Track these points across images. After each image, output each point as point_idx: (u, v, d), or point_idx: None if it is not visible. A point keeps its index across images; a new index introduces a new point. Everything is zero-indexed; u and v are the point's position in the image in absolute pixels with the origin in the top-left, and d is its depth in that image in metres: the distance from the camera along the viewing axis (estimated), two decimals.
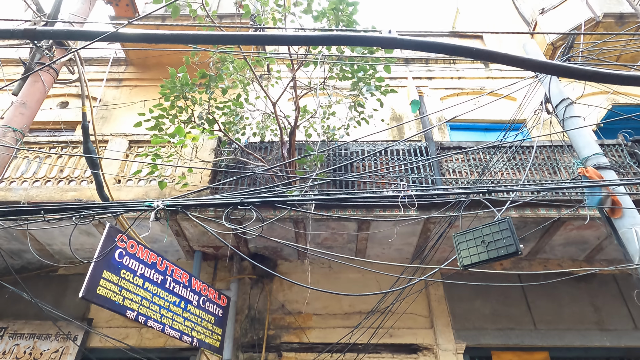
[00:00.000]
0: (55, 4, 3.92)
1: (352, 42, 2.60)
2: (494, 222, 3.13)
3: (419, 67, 10.17)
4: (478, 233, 3.16)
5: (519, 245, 2.98)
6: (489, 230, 3.10)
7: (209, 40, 2.73)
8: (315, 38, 2.60)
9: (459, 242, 3.23)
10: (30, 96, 4.11)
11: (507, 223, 3.06)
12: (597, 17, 9.20)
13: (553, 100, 4.43)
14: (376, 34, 2.52)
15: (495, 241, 3.02)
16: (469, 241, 3.16)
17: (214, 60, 5.77)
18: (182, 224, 6.21)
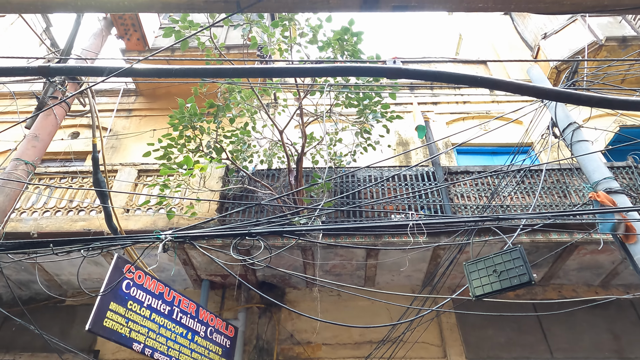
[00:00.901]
0: (68, 40, 4.05)
1: (357, 73, 2.64)
2: (505, 251, 3.07)
3: (424, 92, 10.25)
4: (489, 262, 3.10)
5: (532, 274, 2.91)
6: (501, 259, 3.04)
7: (217, 73, 2.79)
8: (322, 70, 2.64)
9: (470, 272, 3.17)
10: (43, 129, 4.19)
11: (519, 252, 3.00)
12: (600, 40, 9.29)
13: (560, 124, 4.42)
14: (381, 65, 2.55)
15: (507, 270, 2.96)
16: (480, 270, 3.10)
17: (221, 91, 5.87)
18: (189, 253, 6.19)
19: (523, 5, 1.76)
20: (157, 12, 1.88)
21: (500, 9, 1.79)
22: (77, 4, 1.90)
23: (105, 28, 5.49)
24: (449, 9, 1.80)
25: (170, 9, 1.87)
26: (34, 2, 1.90)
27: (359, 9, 1.80)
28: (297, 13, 5.24)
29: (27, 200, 6.71)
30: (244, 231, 2.88)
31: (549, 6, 1.75)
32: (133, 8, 1.86)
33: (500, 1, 1.71)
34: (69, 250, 3.01)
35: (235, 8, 1.80)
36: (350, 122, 6.73)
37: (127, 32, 5.66)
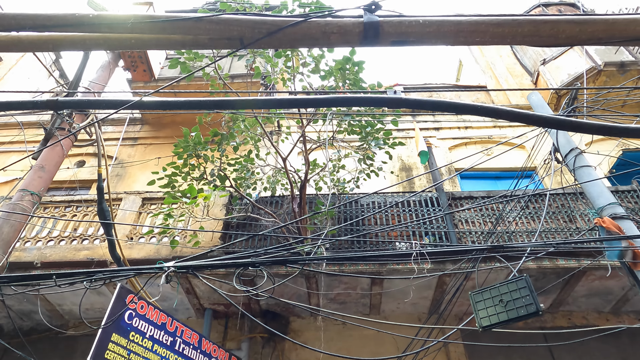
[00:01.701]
0: (76, 75, 4.16)
1: (359, 103, 2.68)
2: (511, 280, 3.03)
3: (426, 117, 10.35)
4: (495, 292, 3.05)
5: (539, 304, 2.86)
6: (507, 289, 2.99)
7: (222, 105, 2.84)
8: (324, 100, 2.68)
9: (477, 302, 3.11)
10: (49, 160, 4.25)
11: (525, 281, 2.96)
12: (599, 66, 9.41)
13: (562, 150, 4.44)
14: (382, 95, 2.59)
15: (514, 300, 2.91)
16: (486, 300, 3.05)
17: (225, 120, 5.96)
18: (192, 282, 6.15)
19: (519, 39, 1.80)
20: (163, 49, 1.94)
21: (497, 42, 1.83)
22: (85, 43, 1.96)
23: (113, 60, 5.64)
24: (447, 43, 1.84)
25: (175, 46, 1.93)
26: (44, 41, 1.96)
27: (359, 44, 1.84)
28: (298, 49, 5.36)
29: (32, 230, 6.72)
30: (247, 261, 2.86)
31: (545, 39, 1.79)
32: (139, 46, 1.92)
33: (496, 35, 1.75)
34: (72, 282, 3.00)
35: (239, 45, 1.86)
36: (352, 149, 6.77)
37: (134, 63, 5.80)
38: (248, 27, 1.78)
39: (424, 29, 1.75)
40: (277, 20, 1.77)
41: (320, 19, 1.77)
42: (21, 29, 1.86)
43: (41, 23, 1.83)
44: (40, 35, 1.96)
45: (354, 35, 1.78)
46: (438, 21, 1.75)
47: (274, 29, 1.77)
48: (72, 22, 1.81)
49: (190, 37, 1.88)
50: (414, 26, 1.75)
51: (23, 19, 1.82)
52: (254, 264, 2.81)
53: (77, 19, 1.81)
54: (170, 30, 1.82)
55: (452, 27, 1.75)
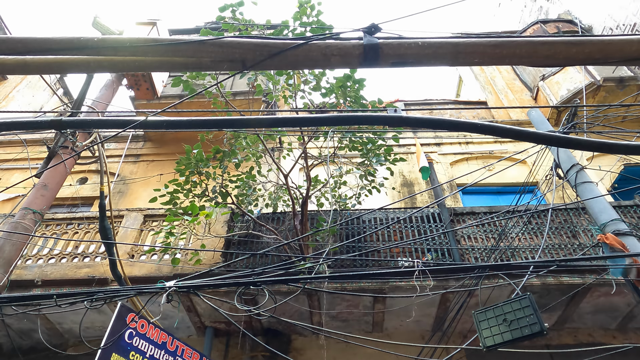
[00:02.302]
0: (79, 94, 4.22)
1: (360, 121, 2.70)
2: (514, 299, 2.99)
3: (427, 133, 10.39)
4: (499, 310, 3.01)
5: (544, 324, 2.82)
6: (510, 307, 2.96)
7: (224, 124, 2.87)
8: (326, 119, 2.71)
9: (480, 321, 3.08)
10: (52, 178, 4.28)
11: (529, 300, 2.93)
12: (598, 81, 9.48)
13: (563, 166, 4.44)
14: (383, 113, 2.61)
15: (517, 319, 2.87)
16: (490, 319, 3.01)
17: (227, 137, 6.00)
18: (194, 300, 6.10)
19: (517, 60, 1.83)
20: (166, 71, 1.97)
21: (495, 63, 1.85)
22: (89, 65, 2.00)
23: (117, 79, 5.71)
24: (445, 64, 1.87)
25: (178, 68, 1.96)
26: (50, 64, 2.00)
27: (359, 66, 1.87)
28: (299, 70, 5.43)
29: (33, 248, 6.72)
30: (248, 280, 2.85)
31: (542, 60, 1.81)
32: (142, 68, 1.95)
33: (495, 56, 1.78)
34: (72, 302, 2.99)
35: (241, 67, 1.89)
36: (354, 165, 6.80)
37: (137, 82, 5.88)
38: (250, 49, 1.81)
39: (423, 50, 1.78)
40: (278, 43, 1.80)
41: (320, 42, 1.80)
42: (28, 53, 1.90)
43: (48, 47, 1.86)
44: (45, 59, 1.99)
45: (354, 57, 1.81)
46: (437, 43, 1.78)
47: (275, 51, 1.80)
48: (78, 46, 1.84)
49: (193, 59, 1.91)
50: (412, 48, 1.78)
51: (31, 43, 1.86)
52: (256, 283, 2.79)
53: (83, 42, 1.84)
54: (174, 53, 1.85)
55: (451, 49, 1.78)
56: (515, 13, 16.85)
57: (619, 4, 11.52)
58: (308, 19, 5.42)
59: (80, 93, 4.12)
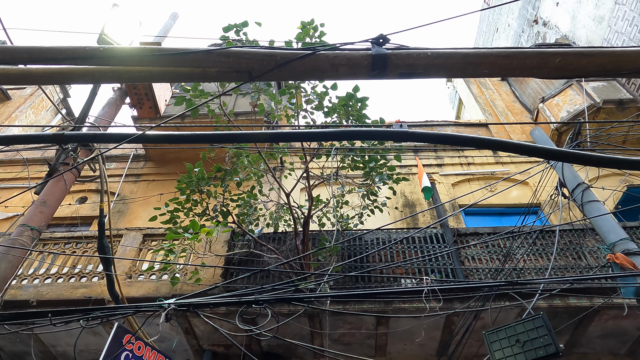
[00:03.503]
0: (83, 109, 4.21)
1: (365, 136, 2.67)
2: (527, 319, 2.89)
3: (429, 154, 10.39)
4: (511, 330, 2.91)
5: (559, 345, 2.72)
6: (523, 328, 2.86)
7: (226, 139, 2.84)
8: (330, 134, 2.68)
9: (491, 342, 2.97)
10: (52, 195, 4.22)
11: (542, 319, 2.83)
12: (598, 103, 9.54)
13: (568, 185, 4.40)
14: (388, 129, 2.58)
15: (531, 340, 2.76)
16: (502, 340, 2.90)
17: (229, 155, 5.97)
18: (192, 321, 5.95)
19: (527, 71, 1.80)
20: (171, 82, 1.95)
21: (504, 74, 1.83)
22: (94, 75, 1.98)
23: (120, 97, 5.73)
24: (455, 75, 1.84)
25: (183, 78, 1.94)
26: (53, 74, 1.98)
27: (367, 77, 1.85)
28: (306, 82, 5.46)
29: (29, 267, 6.60)
30: (250, 298, 2.75)
31: (552, 71, 1.79)
32: (148, 78, 1.93)
33: (504, 67, 1.76)
34: (68, 321, 2.89)
35: (247, 77, 1.86)
36: (356, 185, 6.75)
37: (140, 101, 5.89)
38: (257, 59, 1.79)
39: (432, 60, 1.75)
40: (286, 53, 1.78)
41: (328, 52, 1.78)
42: (33, 62, 1.88)
43: (53, 56, 1.84)
44: (49, 69, 1.97)
45: (363, 68, 1.79)
46: (446, 53, 1.76)
47: (282, 61, 1.77)
48: (83, 55, 1.82)
49: (199, 70, 1.89)
50: (422, 58, 1.76)
51: (36, 53, 1.84)
52: (258, 302, 2.70)
53: (88, 52, 1.83)
54: (179, 63, 1.83)
55: (460, 59, 1.76)
56: (513, 38, 17.13)
57: (615, 29, 11.71)
58: (311, 40, 5.48)
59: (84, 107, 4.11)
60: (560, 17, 14.06)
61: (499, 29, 18.48)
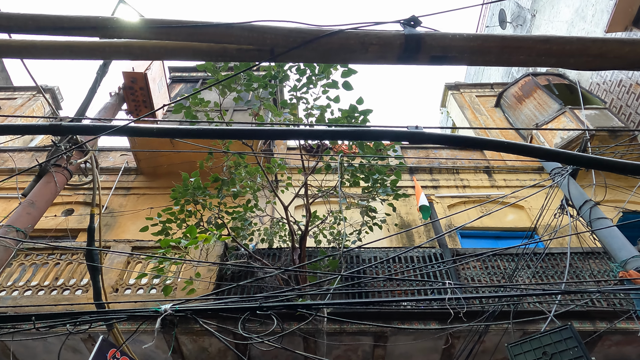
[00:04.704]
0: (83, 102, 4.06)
1: (380, 136, 2.55)
2: (554, 330, 2.73)
3: (424, 176, 10.36)
4: (536, 343, 2.73)
5: (591, 357, 2.56)
6: (550, 339, 2.69)
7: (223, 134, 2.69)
8: (343, 133, 2.57)
9: (515, 355, 2.79)
10: (41, 196, 4.00)
11: (571, 330, 2.67)
12: (591, 130, 9.66)
13: (575, 202, 4.32)
14: (402, 129, 2.48)
15: (559, 352, 2.59)
16: (527, 353, 2.72)
17: (227, 165, 5.82)
18: (180, 339, 5.63)
19: (565, 60, 1.72)
20: (188, 59, 1.82)
21: (542, 62, 1.75)
22: (104, 50, 1.85)
23: (117, 103, 5.59)
24: (490, 61, 1.75)
25: (201, 56, 1.81)
26: (59, 48, 1.84)
27: (397, 60, 1.75)
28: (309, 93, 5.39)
29: (9, 278, 6.26)
30: (254, 304, 2.56)
31: (592, 61, 1.71)
32: (162, 54, 1.80)
33: (542, 52, 1.67)
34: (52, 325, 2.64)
35: (269, 55, 1.75)
36: (354, 202, 6.61)
37: (138, 107, 5.76)
38: (282, 35, 1.68)
39: (468, 43, 1.67)
40: (314, 29, 1.67)
41: (358, 30, 1.69)
42: (39, 32, 1.75)
43: (61, 25, 1.71)
44: (55, 41, 1.84)
45: (394, 48, 1.69)
46: (483, 36, 1.68)
47: (309, 37, 1.67)
48: (95, 25, 1.70)
49: (219, 46, 1.77)
50: (457, 40, 1.67)
51: (43, 21, 1.71)
52: (262, 307, 2.51)
53: (100, 22, 1.70)
54: (197, 38, 1.71)
55: (497, 43, 1.67)
56: (504, 69, 17.53)
57: None
58: None
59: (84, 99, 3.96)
60: None
61: None
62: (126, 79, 5.67)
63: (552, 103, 11.14)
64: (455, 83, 14.62)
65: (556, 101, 11.06)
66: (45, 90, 13.72)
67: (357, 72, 4.94)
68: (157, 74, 6.07)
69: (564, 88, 12.28)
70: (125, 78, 5.68)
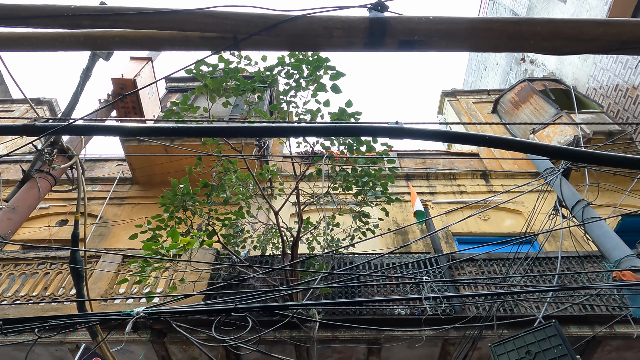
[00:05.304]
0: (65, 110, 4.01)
1: (358, 132, 2.49)
2: (538, 328, 2.62)
3: (421, 182, 10.28)
4: (520, 342, 2.62)
5: (575, 355, 2.45)
6: (534, 338, 2.58)
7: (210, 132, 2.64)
8: (325, 129, 2.51)
9: (499, 354, 2.68)
10: (23, 202, 3.94)
11: (555, 327, 2.56)
12: (588, 134, 9.62)
13: (567, 202, 4.23)
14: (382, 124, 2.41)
15: (543, 351, 2.48)
16: (510, 353, 2.61)
17: (217, 170, 5.76)
18: (169, 348, 5.52)
19: (538, 43, 1.66)
20: (149, 49, 1.77)
21: (513, 47, 1.69)
22: (64, 41, 1.79)
23: (106, 110, 5.55)
24: (460, 45, 1.69)
25: (163, 45, 1.76)
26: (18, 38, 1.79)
27: (364, 46, 1.69)
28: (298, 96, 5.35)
29: None
30: (229, 307, 2.47)
31: (566, 43, 1.65)
32: (122, 43, 1.74)
33: (514, 35, 1.61)
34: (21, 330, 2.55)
35: (232, 42, 1.70)
36: (346, 207, 6.53)
37: (127, 114, 5.72)
38: (244, 21, 1.63)
39: (436, 26, 1.61)
40: (275, 14, 1.62)
41: (322, 14, 1.63)
42: None
43: (18, 14, 1.66)
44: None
45: (359, 32, 1.63)
46: (450, 18, 1.62)
47: (271, 22, 1.61)
48: (50, 13, 1.65)
49: (181, 35, 1.72)
50: (424, 23, 1.61)
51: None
52: (237, 310, 2.42)
53: (52, 10, 1.65)
54: (158, 25, 1.66)
55: (466, 25, 1.62)
56: (501, 76, 17.56)
57: (600, 66, 12.01)
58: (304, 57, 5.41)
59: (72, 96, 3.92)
60: (547, 55, 14.45)
61: (488, 67, 18.98)
62: (115, 86, 5.65)
63: (549, 108, 11.10)
64: (452, 90, 14.62)
65: (552, 106, 11.02)
66: (42, 102, 13.78)
67: (345, 75, 4.90)
68: (147, 81, 6.05)
69: (560, 93, 12.25)
70: (115, 85, 5.66)
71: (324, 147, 6.07)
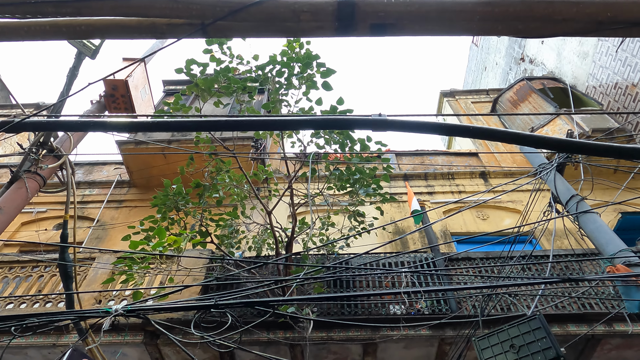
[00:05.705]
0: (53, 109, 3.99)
1: (342, 125, 2.46)
2: (522, 321, 2.56)
3: (419, 182, 10.23)
4: (504, 335, 2.56)
5: (560, 348, 2.39)
6: (518, 331, 2.51)
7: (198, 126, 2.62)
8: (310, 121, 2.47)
9: (482, 349, 2.62)
10: (10, 202, 3.91)
11: (539, 320, 2.49)
12: (586, 132, 9.54)
13: (561, 197, 4.17)
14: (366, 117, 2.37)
15: (527, 345, 2.42)
16: (494, 347, 2.55)
17: (209, 170, 5.72)
18: (162, 350, 5.48)
19: (512, 27, 1.62)
20: (116, 37, 1.74)
21: (486, 32, 1.65)
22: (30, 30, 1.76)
23: (98, 110, 5.53)
24: (431, 30, 1.65)
25: (130, 32, 1.73)
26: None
27: (333, 31, 1.65)
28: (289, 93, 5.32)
29: None
30: (209, 303, 2.42)
31: (539, 25, 1.61)
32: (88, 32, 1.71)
33: (486, 16, 1.57)
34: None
35: (200, 28, 1.66)
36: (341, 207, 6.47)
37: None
38: (209, 5, 1.59)
39: (406, 8, 1.57)
40: None
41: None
42: None
43: None
44: None
45: (328, 15, 1.60)
46: (420, 0, 1.58)
47: (237, 6, 1.58)
48: (12, 2, 1.62)
49: (148, 21, 1.69)
50: (393, 5, 1.57)
51: None
52: (217, 305, 2.37)
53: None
54: (123, 11, 1.63)
55: (436, 7, 1.58)
56: (501, 76, 17.50)
57: (599, 64, 11.95)
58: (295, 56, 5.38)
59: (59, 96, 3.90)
60: (546, 55, 14.40)
61: (487, 67, 18.92)
62: (107, 86, 5.63)
63: (547, 106, 11.04)
64: (450, 90, 14.58)
65: (551, 104, 10.95)
66: (42, 107, 13.84)
67: (336, 72, 4.87)
68: (140, 81, 6.03)
69: (559, 91, 12.19)
70: (106, 85, 5.64)
71: (318, 146, 6.03)
